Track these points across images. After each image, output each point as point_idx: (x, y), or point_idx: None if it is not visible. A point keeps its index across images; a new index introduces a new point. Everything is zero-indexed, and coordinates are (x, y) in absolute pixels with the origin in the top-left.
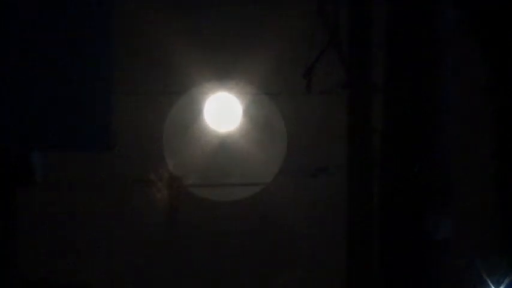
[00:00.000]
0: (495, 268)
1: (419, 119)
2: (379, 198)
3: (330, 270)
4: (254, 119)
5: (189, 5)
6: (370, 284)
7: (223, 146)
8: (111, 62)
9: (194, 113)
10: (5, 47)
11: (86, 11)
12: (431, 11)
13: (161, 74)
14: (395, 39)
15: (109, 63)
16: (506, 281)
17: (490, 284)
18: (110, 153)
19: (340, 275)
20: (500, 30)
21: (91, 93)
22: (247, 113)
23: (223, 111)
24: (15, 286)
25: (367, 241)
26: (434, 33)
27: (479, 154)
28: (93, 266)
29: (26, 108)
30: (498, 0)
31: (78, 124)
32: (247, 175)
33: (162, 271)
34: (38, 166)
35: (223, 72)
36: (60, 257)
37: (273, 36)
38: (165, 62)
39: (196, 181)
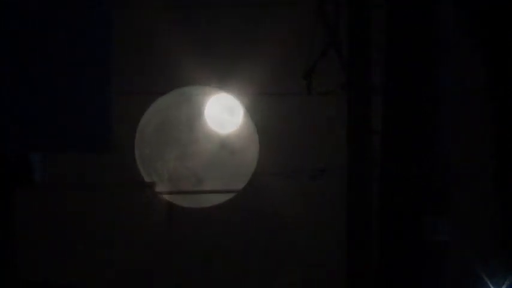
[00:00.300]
0: (495, 269)
1: (418, 120)
2: (379, 199)
3: (330, 271)
4: (253, 120)
5: (190, 5)
6: (370, 284)
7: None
8: (111, 63)
9: (173, 114)
10: (4, 47)
11: (85, 11)
12: (431, 11)
13: (161, 74)
14: (395, 40)
15: (109, 63)
16: (506, 283)
17: (490, 286)
18: (110, 153)
19: (340, 275)
20: (500, 30)
21: (91, 94)
22: (247, 114)
23: (223, 112)
24: (15, 286)
25: (366, 242)
26: (434, 33)
27: (479, 155)
28: (92, 266)
29: (26, 109)
30: (498, 1)
31: (78, 125)
32: (220, 181)
33: (162, 271)
34: (37, 166)
35: (222, 73)
36: (60, 258)
37: (272, 37)
38: (166, 62)
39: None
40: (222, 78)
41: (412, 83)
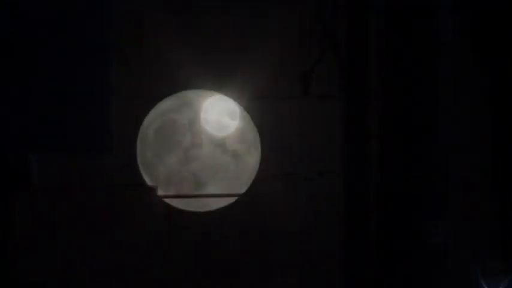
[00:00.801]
0: (493, 271)
1: (417, 123)
2: (377, 202)
3: (328, 273)
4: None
5: (187, 8)
6: (369, 285)
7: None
8: (110, 65)
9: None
10: (5, 50)
11: (86, 15)
12: (431, 15)
13: (158, 77)
14: (394, 43)
15: (107, 66)
16: (504, 285)
17: (489, 287)
18: (108, 156)
19: (338, 277)
20: (500, 34)
21: (90, 97)
22: (247, 117)
23: (220, 115)
24: (14, 287)
25: (365, 244)
26: (433, 36)
27: (479, 157)
28: (90, 268)
29: (25, 111)
30: (497, 4)
31: (77, 127)
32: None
33: (160, 273)
34: (36, 168)
35: (220, 76)
36: (58, 259)
37: (270, 40)
38: (166, 66)
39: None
40: (222, 82)
41: (411, 85)
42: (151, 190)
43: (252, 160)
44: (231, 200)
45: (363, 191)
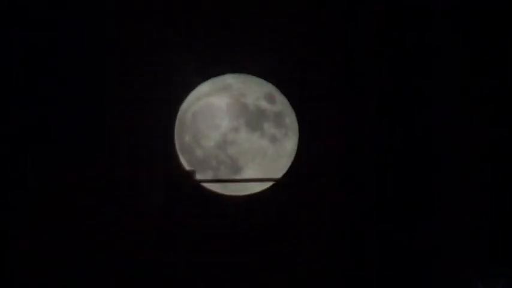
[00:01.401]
0: (492, 272)
1: (416, 123)
2: (376, 202)
3: (327, 273)
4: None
5: (187, 10)
6: (365, 286)
7: (230, 141)
8: (107, 63)
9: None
10: (3, 50)
11: (83, 13)
12: (430, 15)
13: (154, 75)
14: (393, 43)
15: (104, 63)
16: (502, 286)
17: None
18: (106, 154)
19: (337, 277)
20: (500, 34)
21: (87, 94)
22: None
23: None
24: None
25: (363, 244)
26: (429, 37)
27: (478, 157)
28: (87, 269)
29: (21, 110)
30: (497, 4)
31: (74, 126)
32: (258, 171)
33: (160, 273)
34: (32, 169)
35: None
36: (55, 261)
37: (267, 40)
38: (159, 62)
39: (208, 176)
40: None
41: (410, 85)
42: (189, 174)
43: (289, 145)
44: (268, 184)
45: (363, 191)
